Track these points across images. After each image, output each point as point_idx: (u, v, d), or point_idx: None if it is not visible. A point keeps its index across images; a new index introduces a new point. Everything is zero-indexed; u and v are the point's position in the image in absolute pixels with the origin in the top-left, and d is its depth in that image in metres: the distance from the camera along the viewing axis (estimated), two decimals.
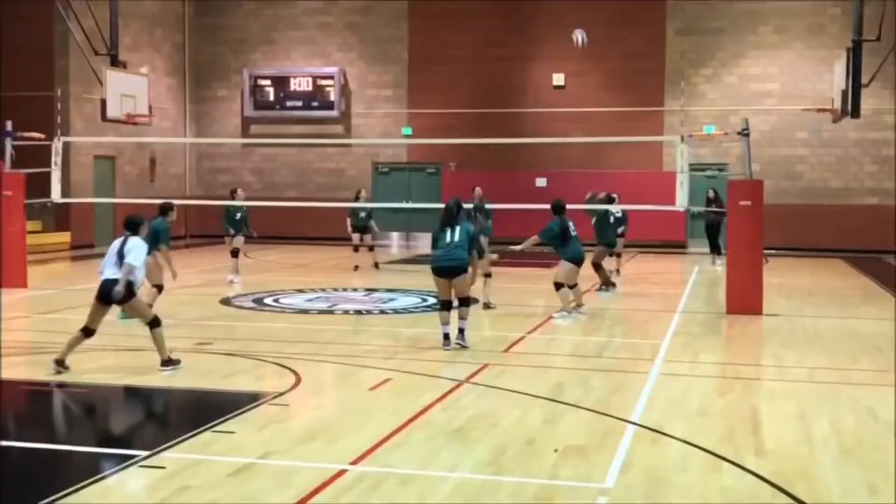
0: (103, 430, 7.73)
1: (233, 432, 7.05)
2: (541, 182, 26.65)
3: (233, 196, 18.41)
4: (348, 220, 20.29)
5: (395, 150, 28.48)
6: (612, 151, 26.49)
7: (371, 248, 20.35)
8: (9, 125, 16.73)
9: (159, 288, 12.63)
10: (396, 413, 7.67)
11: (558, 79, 27.30)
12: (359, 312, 13.71)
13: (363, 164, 28.72)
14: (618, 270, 19.49)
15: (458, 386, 8.73)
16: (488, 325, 12.80)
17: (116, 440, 7.41)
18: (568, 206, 13.57)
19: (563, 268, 13.19)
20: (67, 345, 9.25)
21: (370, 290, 16.36)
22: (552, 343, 11.36)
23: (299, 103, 28.63)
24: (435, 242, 10.77)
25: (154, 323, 9.36)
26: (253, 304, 14.36)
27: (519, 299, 15.56)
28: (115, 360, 9.98)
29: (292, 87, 28.66)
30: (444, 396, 8.28)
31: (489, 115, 27.25)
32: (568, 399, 8.26)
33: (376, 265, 20.03)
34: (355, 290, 16.45)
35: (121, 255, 9.24)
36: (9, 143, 16.65)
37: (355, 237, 20.22)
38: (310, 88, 28.53)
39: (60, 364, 9.13)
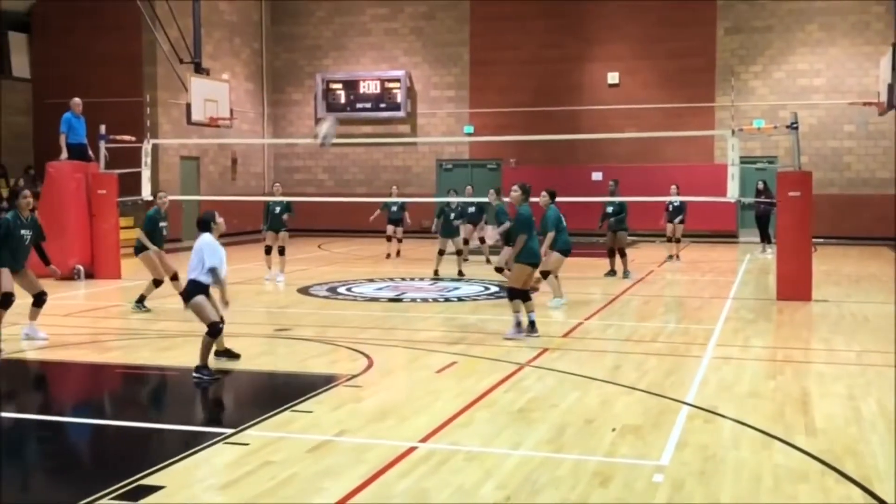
0: (193, 410, 7.89)
1: (310, 412, 7.14)
2: (597, 176, 26.43)
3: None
4: (377, 213, 20.80)
5: (457, 147, 28.48)
6: (664, 146, 26.16)
7: (400, 240, 20.57)
8: (102, 129, 17.08)
9: (157, 283, 12.45)
10: (462, 394, 7.69)
11: (613, 77, 27.04)
12: (425, 300, 13.77)
13: (428, 161, 28.78)
14: (677, 256, 19.73)
15: (519, 369, 8.72)
16: (547, 311, 12.76)
17: (205, 419, 7.56)
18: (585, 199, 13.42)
19: (552, 257, 12.91)
20: (202, 350, 8.54)
21: (435, 280, 16.40)
22: (609, 329, 11.29)
23: (368, 105, 28.78)
24: (531, 235, 10.29)
25: (211, 330, 8.51)
26: (327, 293, 14.51)
27: (576, 287, 15.47)
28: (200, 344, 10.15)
29: (361, 90, 28.82)
30: (506, 379, 8.29)
31: (546, 113, 27.10)
32: (624, 381, 8.21)
33: (460, 273, 19.65)
34: (422, 279, 16.51)
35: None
36: (102, 146, 17.02)
37: (389, 228, 20.59)
38: (378, 91, 28.66)
39: (202, 370, 8.44)
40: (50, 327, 11.40)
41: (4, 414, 7.19)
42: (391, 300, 13.81)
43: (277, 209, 16.32)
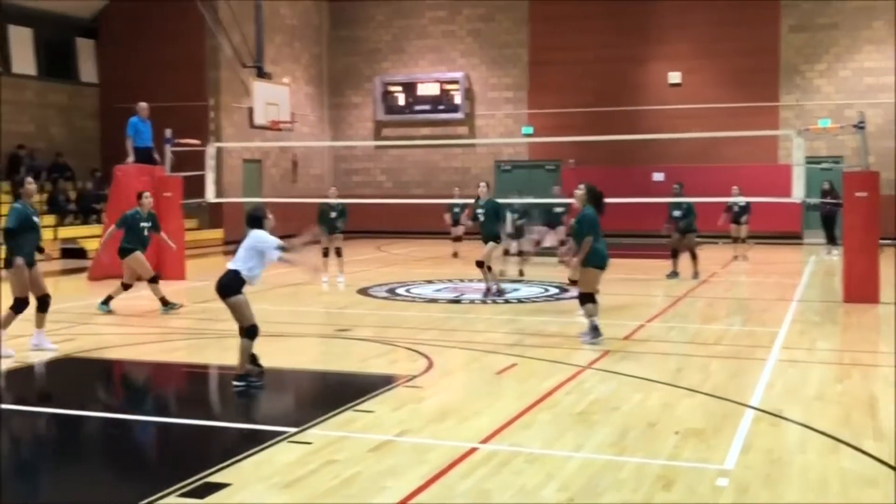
0: (256, 408, 7.98)
1: (372, 411, 7.18)
2: (658, 177, 26.16)
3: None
4: (446, 216, 21.15)
5: (516, 148, 28.42)
6: (726, 146, 25.77)
7: (459, 239, 20.74)
8: (168, 133, 17.40)
9: (155, 279, 12.65)
10: (522, 396, 7.67)
11: (674, 77, 26.74)
12: (484, 302, 13.75)
13: (486, 163, 28.77)
14: (744, 256, 19.67)
15: (580, 371, 8.67)
16: (608, 313, 12.66)
17: (268, 418, 7.65)
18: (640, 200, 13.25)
19: (588, 275, 12.35)
20: (240, 356, 8.22)
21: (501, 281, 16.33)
22: (671, 331, 11.15)
23: (427, 107, 28.87)
24: (594, 232, 9.98)
25: (250, 332, 8.13)
26: (386, 294, 14.58)
27: (637, 289, 15.33)
28: (261, 346, 10.27)
29: (420, 92, 28.92)
30: (567, 381, 8.24)
31: (607, 114, 26.90)
32: (687, 384, 8.10)
33: (521, 273, 19.76)
34: (481, 280, 16.48)
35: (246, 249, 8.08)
36: (168, 150, 17.32)
37: (454, 230, 20.98)
38: (436, 93, 28.74)
39: (241, 378, 8.14)
40: (118, 327, 11.64)
41: (69, 411, 7.36)
42: (450, 301, 13.84)
43: (333, 214, 16.19)
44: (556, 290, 14.69)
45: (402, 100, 29.16)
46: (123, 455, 6.48)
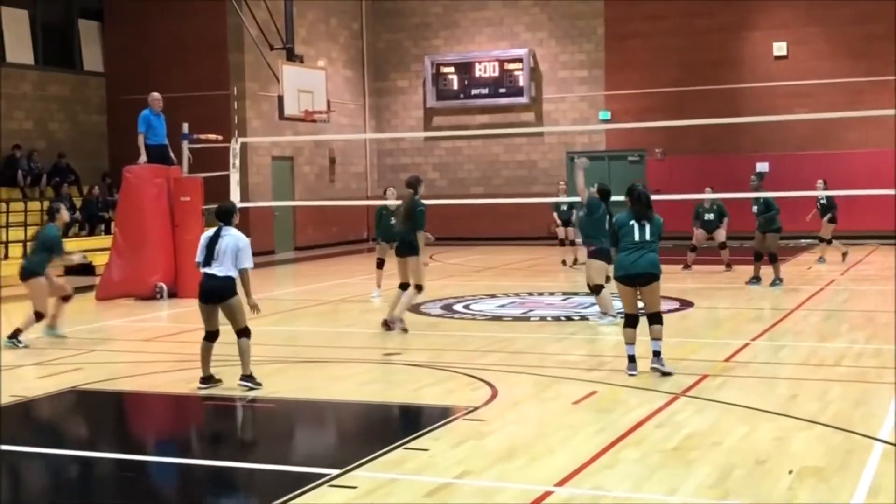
0: (292, 446, 8.03)
1: (426, 449, 7.19)
2: (762, 167, 25.85)
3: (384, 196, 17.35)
4: (554, 214, 20.99)
5: (591, 137, 28.31)
6: (844, 129, 25.37)
7: (573, 243, 20.44)
8: (185, 127, 17.64)
9: (39, 316, 12.19)
10: (604, 429, 7.62)
11: (779, 48, 26.41)
12: (557, 319, 13.70)
13: (556, 155, 28.70)
14: (823, 258, 19.60)
15: (673, 399, 8.59)
16: (706, 330, 12.54)
17: (305, 458, 7.69)
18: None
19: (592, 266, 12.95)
20: (203, 358, 9.56)
21: (568, 295, 16.31)
22: (782, 350, 11.01)
23: (485, 90, 28.92)
24: (616, 240, 9.99)
25: (247, 331, 9.43)
26: (441, 311, 14.60)
27: (737, 300, 15.14)
28: (296, 372, 10.37)
29: (477, 74, 28.98)
30: (657, 411, 8.17)
31: (699, 93, 26.66)
32: (802, 413, 7.98)
33: (564, 262, 20.02)
34: (552, 294, 16.45)
35: (213, 251, 9.30)
36: (185, 147, 17.57)
37: (560, 231, 20.78)
38: (496, 74, 28.77)
39: (207, 380, 9.50)
40: (131, 353, 11.83)
41: (77, 452, 7.48)
42: (516, 319, 13.81)
43: (393, 219, 15.93)
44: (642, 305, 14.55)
45: (456, 83, 29.24)
46: (139, 503, 6.57)
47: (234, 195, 17.41)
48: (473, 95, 29.06)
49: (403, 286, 12.61)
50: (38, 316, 12.15)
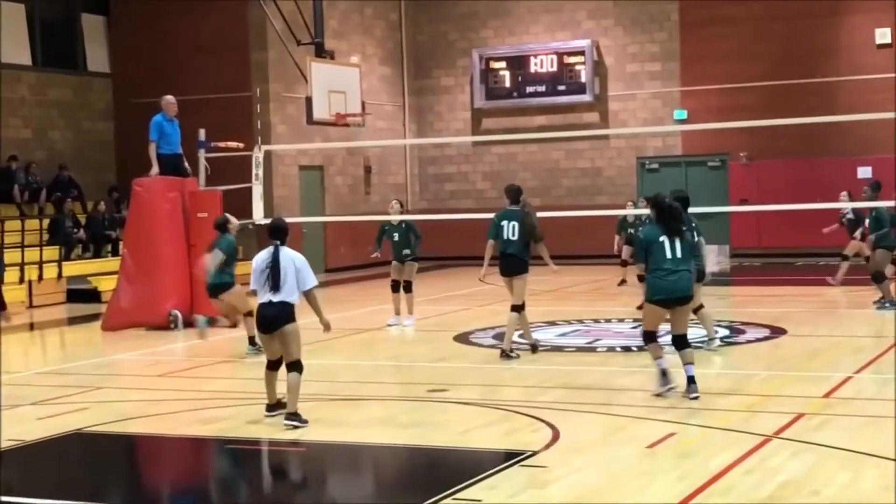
0: (328, 496, 8.04)
1: (478, 500, 7.16)
2: (864, 172, 25.55)
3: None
4: (616, 238, 20.76)
5: (665, 139, 28.19)
6: None
7: (625, 264, 20.29)
8: (202, 134, 17.79)
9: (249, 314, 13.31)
10: (684, 477, 7.57)
11: (882, 35, 26.15)
12: (627, 349, 13.62)
13: (625, 161, 28.61)
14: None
15: (764, 442, 8.51)
16: (800, 362, 12.40)
17: None
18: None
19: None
20: (267, 386, 9.93)
21: (639, 321, 16.18)
22: (889, 384, 10.85)
23: (542, 88, 28.92)
24: (646, 256, 10.31)
25: (298, 365, 9.63)
26: (494, 341, 14.57)
27: (841, 328, 14.95)
28: (330, 412, 10.39)
29: (533, 69, 29.00)
30: (746, 456, 8.10)
31: (790, 88, 26.45)
32: None
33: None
34: (621, 320, 16.36)
35: (277, 273, 9.60)
36: (202, 156, 17.72)
37: (626, 250, 20.45)
38: (555, 68, 28.76)
39: (275, 407, 9.86)
40: (142, 391, 11.92)
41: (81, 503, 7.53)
42: (581, 349, 13.77)
43: (396, 236, 16.26)
44: (727, 332, 14.44)
45: (508, 80, 29.28)
46: None
47: (257, 211, 17.53)
48: (528, 94, 29.06)
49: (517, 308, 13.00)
50: (249, 314, 13.23)
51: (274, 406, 9.87)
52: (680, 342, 10.44)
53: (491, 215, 20.22)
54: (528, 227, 13.33)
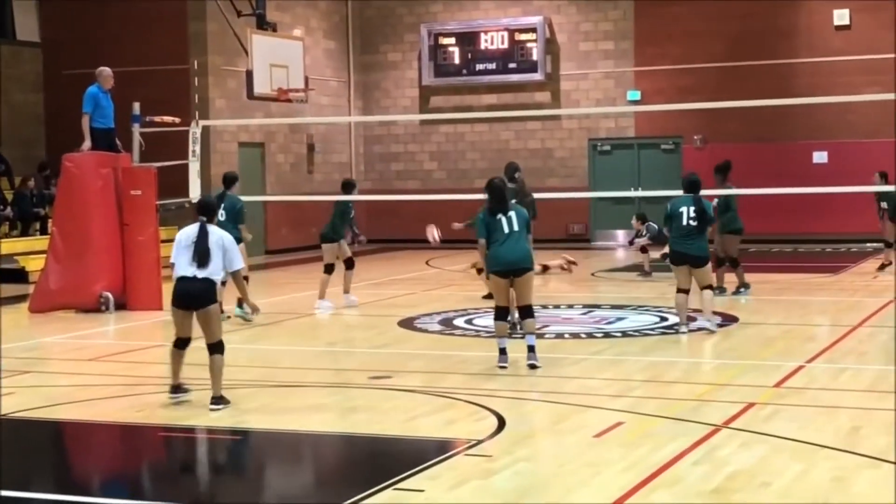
0: (264, 486, 8.04)
1: (421, 490, 7.19)
2: (819, 157, 25.89)
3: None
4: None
5: (618, 121, 28.32)
6: None
7: (644, 250, 20.35)
8: (136, 108, 17.63)
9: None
10: (632, 467, 7.63)
11: (841, 16, 26.41)
12: (576, 336, 13.70)
13: (576, 142, 28.71)
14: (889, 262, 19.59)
15: (714, 432, 8.59)
16: (754, 350, 12.55)
17: (278, 500, 7.69)
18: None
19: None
20: (173, 364, 9.97)
21: (590, 308, 16.32)
22: (842, 374, 11.01)
23: (492, 65, 28.93)
24: (488, 235, 11.45)
25: (220, 346, 9.80)
26: (440, 327, 14.60)
27: (793, 316, 15.14)
28: (269, 398, 10.38)
29: (483, 45, 29.00)
30: (694, 446, 8.17)
31: (746, 70, 26.65)
32: (867, 450, 7.98)
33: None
34: (570, 307, 16.45)
35: (205, 250, 9.75)
36: (136, 131, 17.56)
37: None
38: (505, 45, 28.78)
39: (177, 389, 9.95)
40: (71, 375, 11.83)
41: (6, 493, 7.48)
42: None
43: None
44: (677, 319, 14.58)
45: (457, 56, 29.26)
46: None
47: (194, 189, 17.42)
48: (478, 72, 29.07)
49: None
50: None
51: (177, 388, 9.93)
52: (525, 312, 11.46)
53: (439, 196, 20.22)
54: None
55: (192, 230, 9.84)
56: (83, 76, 18.41)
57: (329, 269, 16.49)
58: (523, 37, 28.71)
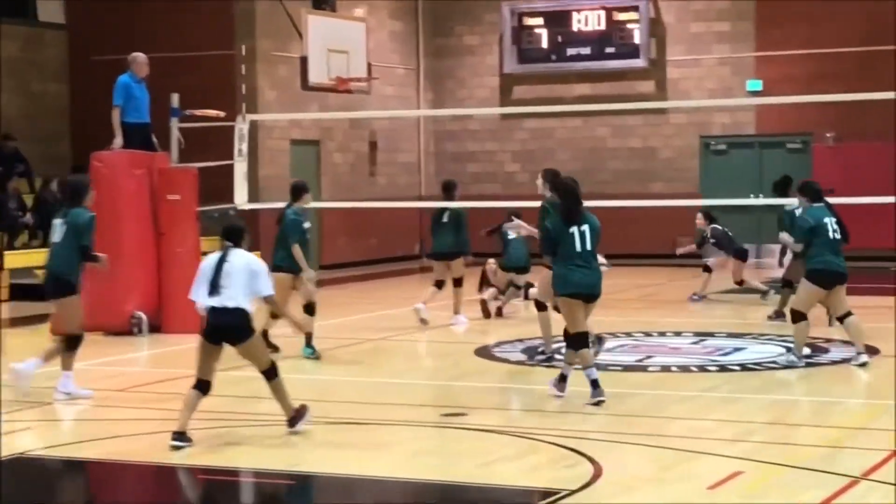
0: None
1: None
2: None
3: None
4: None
5: (735, 115, 28.11)
6: None
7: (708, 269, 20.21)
8: (174, 100, 17.80)
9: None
10: None
11: None
12: (685, 369, 13.61)
13: (685, 140, 28.53)
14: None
15: (851, 485, 8.51)
16: (888, 385, 12.38)
17: None
18: None
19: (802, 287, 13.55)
20: (185, 408, 10.07)
21: (702, 336, 16.19)
22: None
23: (586, 50, 28.85)
24: (553, 248, 11.46)
25: (275, 370, 10.21)
26: (522, 357, 14.56)
27: None
28: (324, 438, 10.41)
29: (575, 27, 28.92)
30: (828, 501, 8.10)
31: (887, 56, 26.37)
32: None
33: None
34: (678, 334, 16.35)
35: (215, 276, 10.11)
36: (175, 126, 17.72)
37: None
38: (602, 27, 28.69)
39: (181, 437, 9.89)
40: (98, 408, 11.95)
41: None
42: (628, 368, 13.76)
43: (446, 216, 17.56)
44: (808, 350, 14.42)
45: (545, 40, 29.22)
46: None
47: (240, 194, 17.55)
48: (569, 57, 29.00)
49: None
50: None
51: (181, 435, 9.91)
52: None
53: (521, 203, 20.27)
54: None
55: (213, 257, 10.28)
56: (114, 63, 18.61)
57: (439, 284, 17.26)
58: (623, 16, 28.60)
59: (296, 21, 21.29)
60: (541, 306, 13.79)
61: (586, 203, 11.59)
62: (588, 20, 28.84)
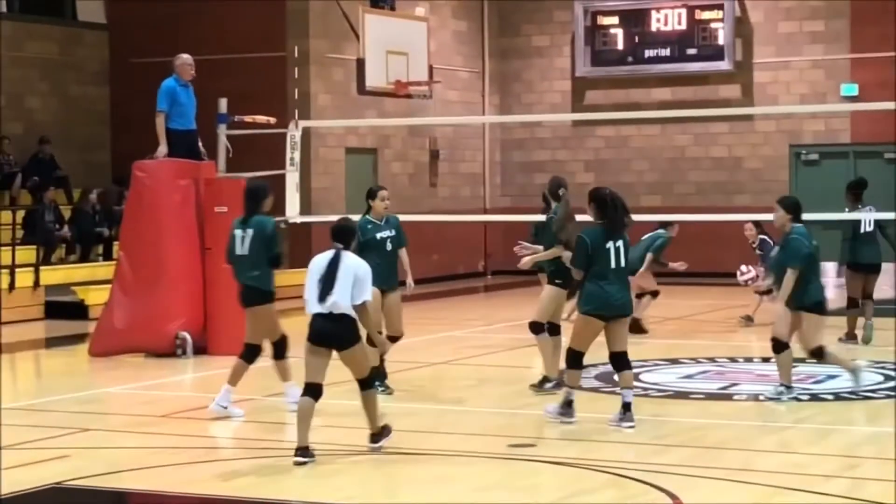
0: None
1: None
2: None
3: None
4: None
5: (829, 122, 27.95)
6: None
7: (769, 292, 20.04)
8: (222, 105, 17.89)
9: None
10: None
11: None
12: (777, 399, 13.51)
13: (775, 149, 28.40)
14: None
15: None
16: None
17: None
18: None
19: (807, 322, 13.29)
20: (300, 421, 10.23)
21: (793, 362, 16.06)
22: None
23: (666, 52, 28.81)
24: (587, 264, 11.62)
25: (370, 382, 10.56)
26: (597, 383, 14.49)
27: None
28: (382, 469, 10.41)
29: (654, 27, 28.89)
30: None
31: None
32: None
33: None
34: (766, 360, 16.22)
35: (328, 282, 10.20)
36: (222, 133, 17.81)
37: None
38: (683, 26, 28.63)
39: (304, 452, 10.05)
40: (138, 435, 12.00)
41: None
42: (711, 397, 13.68)
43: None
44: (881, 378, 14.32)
45: (621, 40, 29.19)
46: None
47: (292, 206, 17.61)
48: (648, 59, 28.97)
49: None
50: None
51: (305, 450, 10.10)
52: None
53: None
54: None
55: (323, 258, 10.27)
56: (158, 65, 18.73)
57: None
58: (706, 15, 28.54)
59: (352, 20, 21.37)
60: (537, 328, 13.77)
61: (666, 217, 11.70)
62: (668, 19, 28.80)
